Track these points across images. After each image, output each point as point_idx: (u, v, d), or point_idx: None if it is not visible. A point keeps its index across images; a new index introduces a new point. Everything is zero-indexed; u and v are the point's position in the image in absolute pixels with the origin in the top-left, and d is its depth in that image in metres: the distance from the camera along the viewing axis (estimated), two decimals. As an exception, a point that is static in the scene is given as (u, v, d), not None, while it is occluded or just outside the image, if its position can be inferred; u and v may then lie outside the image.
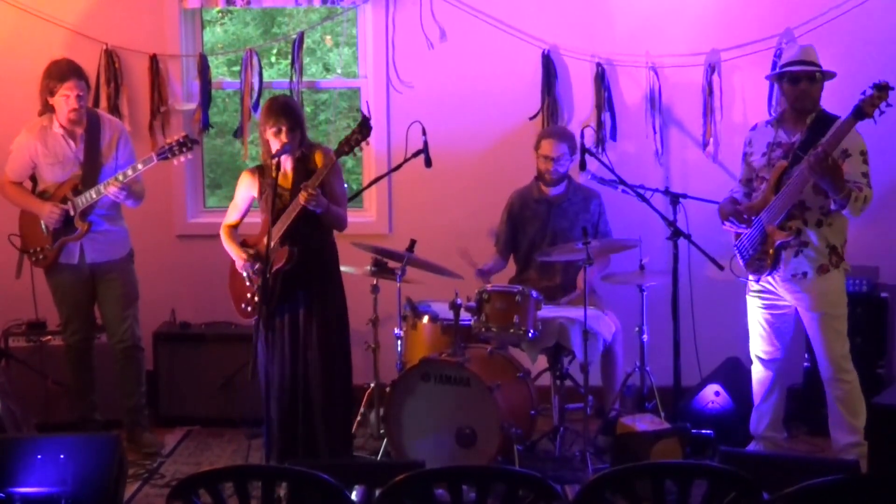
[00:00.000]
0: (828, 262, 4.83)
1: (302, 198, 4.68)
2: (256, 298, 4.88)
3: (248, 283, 4.98)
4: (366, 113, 4.79)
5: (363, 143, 4.78)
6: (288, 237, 4.79)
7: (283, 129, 4.76)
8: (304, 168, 4.85)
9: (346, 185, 5.06)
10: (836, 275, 4.87)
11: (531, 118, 6.00)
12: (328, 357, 4.88)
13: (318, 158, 4.84)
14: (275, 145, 4.78)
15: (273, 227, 4.74)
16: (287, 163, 4.83)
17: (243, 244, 5.00)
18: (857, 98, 4.51)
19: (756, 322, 5.08)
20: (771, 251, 4.84)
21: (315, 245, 4.88)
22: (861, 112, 4.49)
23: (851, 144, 4.69)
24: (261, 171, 4.94)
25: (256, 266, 4.88)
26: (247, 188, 5.00)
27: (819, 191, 4.72)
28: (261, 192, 4.91)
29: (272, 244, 4.74)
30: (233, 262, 5.04)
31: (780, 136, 4.91)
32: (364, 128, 4.72)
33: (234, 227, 5.06)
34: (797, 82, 4.82)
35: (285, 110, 4.80)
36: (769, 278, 4.94)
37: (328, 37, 7.09)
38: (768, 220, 4.82)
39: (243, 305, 5.02)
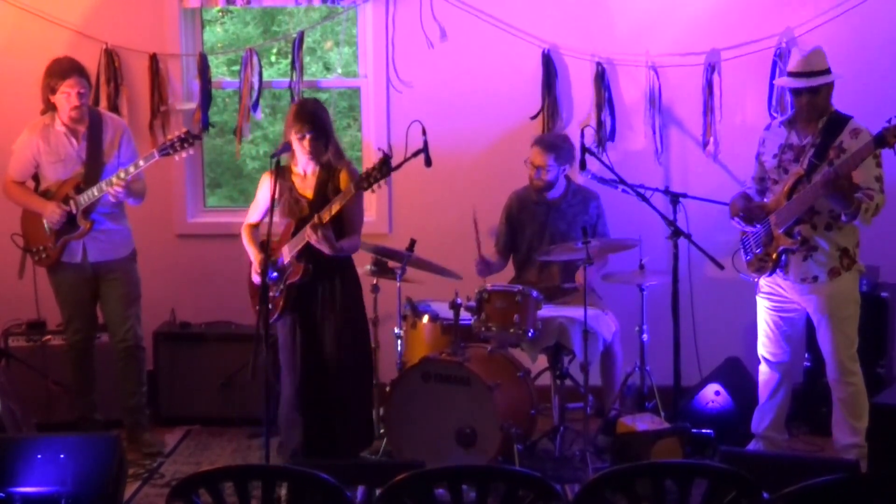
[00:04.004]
0: (839, 265, 4.81)
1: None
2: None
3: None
4: (387, 152, 4.77)
5: (382, 182, 4.75)
6: (304, 252, 4.81)
7: (308, 136, 4.78)
8: (327, 179, 4.87)
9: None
10: (848, 277, 4.84)
11: (532, 118, 5.99)
12: (347, 353, 4.91)
13: (343, 178, 4.86)
14: (299, 150, 4.81)
15: (294, 237, 4.77)
16: (309, 167, 4.87)
17: (262, 246, 4.99)
18: (882, 126, 4.49)
19: (764, 322, 5.06)
20: (774, 255, 4.83)
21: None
22: (883, 140, 4.48)
23: None
24: (280, 173, 4.93)
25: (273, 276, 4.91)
26: (268, 189, 4.97)
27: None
28: (278, 194, 4.89)
29: (288, 259, 4.81)
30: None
31: (792, 138, 4.88)
32: (384, 167, 4.69)
33: (254, 227, 5.09)
34: (798, 95, 4.81)
35: (312, 117, 4.82)
36: (779, 280, 4.93)
37: (329, 42, 7.08)
38: (777, 223, 4.82)
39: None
